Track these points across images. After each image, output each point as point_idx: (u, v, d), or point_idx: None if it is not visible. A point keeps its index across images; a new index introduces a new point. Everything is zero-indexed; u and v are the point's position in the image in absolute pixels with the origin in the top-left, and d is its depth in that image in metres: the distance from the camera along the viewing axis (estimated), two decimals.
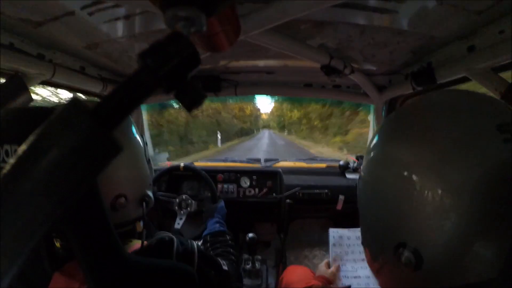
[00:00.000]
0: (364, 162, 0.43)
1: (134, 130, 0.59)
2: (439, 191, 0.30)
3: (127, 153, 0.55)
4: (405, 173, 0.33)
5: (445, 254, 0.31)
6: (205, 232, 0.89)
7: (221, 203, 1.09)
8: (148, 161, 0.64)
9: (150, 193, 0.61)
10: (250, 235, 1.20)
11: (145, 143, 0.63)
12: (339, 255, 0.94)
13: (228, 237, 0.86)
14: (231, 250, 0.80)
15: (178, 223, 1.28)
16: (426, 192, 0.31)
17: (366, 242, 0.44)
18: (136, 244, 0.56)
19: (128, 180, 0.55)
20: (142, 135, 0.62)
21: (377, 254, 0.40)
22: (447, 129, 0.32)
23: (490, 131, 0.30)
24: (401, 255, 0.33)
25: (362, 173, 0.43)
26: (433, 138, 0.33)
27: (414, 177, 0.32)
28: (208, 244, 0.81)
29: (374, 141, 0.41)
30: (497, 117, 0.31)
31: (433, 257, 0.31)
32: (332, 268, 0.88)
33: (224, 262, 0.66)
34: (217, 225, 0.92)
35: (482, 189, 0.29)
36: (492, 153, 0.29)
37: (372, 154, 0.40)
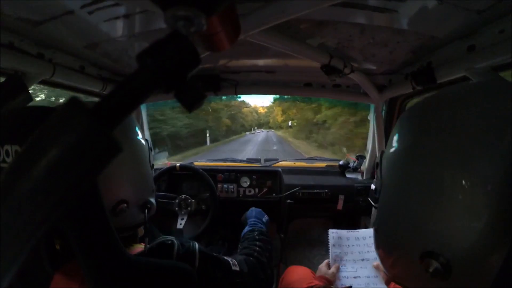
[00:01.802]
0: (387, 160, 0.41)
1: (139, 134, 0.58)
2: (468, 184, 0.29)
3: (131, 158, 0.54)
4: (432, 170, 0.33)
5: (474, 255, 0.29)
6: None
7: (250, 210, 1.04)
8: (152, 166, 0.63)
9: (152, 200, 0.59)
10: None
11: (150, 148, 0.61)
12: (339, 255, 0.95)
13: (256, 232, 0.84)
14: (258, 243, 0.77)
15: (180, 224, 1.28)
16: (454, 186, 0.30)
17: (382, 243, 0.43)
18: (137, 248, 0.55)
19: (130, 186, 0.54)
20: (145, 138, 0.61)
21: (397, 256, 0.39)
22: (473, 122, 0.31)
23: None
24: (429, 265, 0.31)
25: (383, 173, 0.42)
26: (460, 133, 0.32)
27: (441, 173, 0.32)
28: (239, 248, 0.79)
29: (395, 139, 0.40)
30: None
31: (462, 268, 0.30)
32: (332, 269, 0.89)
33: (235, 262, 0.62)
34: (247, 227, 0.91)
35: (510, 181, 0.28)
36: None
37: (394, 153, 0.39)
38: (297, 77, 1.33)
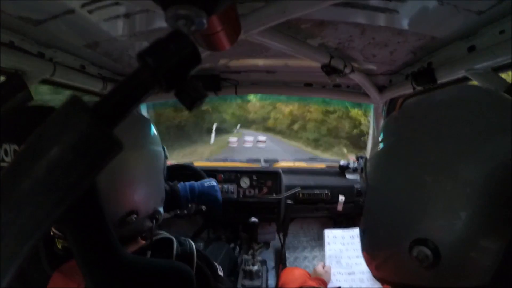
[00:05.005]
0: (371, 162, 0.42)
1: (154, 141, 0.56)
2: (452, 186, 0.31)
3: (146, 168, 0.52)
4: (419, 172, 0.34)
5: (458, 251, 0.31)
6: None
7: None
8: (164, 172, 0.60)
9: (161, 209, 0.58)
10: (252, 219, 1.20)
11: (165, 156, 0.60)
12: (334, 253, 0.97)
13: None
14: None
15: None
16: (439, 187, 0.32)
17: (368, 244, 0.43)
18: (139, 245, 0.55)
19: (143, 197, 0.52)
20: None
21: (382, 251, 0.39)
22: (459, 125, 0.33)
23: (501, 125, 0.31)
24: (419, 252, 0.32)
25: (371, 174, 0.42)
26: (444, 135, 0.33)
27: (427, 174, 0.33)
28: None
29: (381, 141, 0.41)
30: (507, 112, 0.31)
31: (450, 255, 0.31)
32: (326, 268, 0.92)
33: (220, 267, 0.62)
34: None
35: (491, 184, 0.29)
36: (503, 148, 0.30)
37: (380, 154, 0.40)
38: (297, 77, 1.33)
